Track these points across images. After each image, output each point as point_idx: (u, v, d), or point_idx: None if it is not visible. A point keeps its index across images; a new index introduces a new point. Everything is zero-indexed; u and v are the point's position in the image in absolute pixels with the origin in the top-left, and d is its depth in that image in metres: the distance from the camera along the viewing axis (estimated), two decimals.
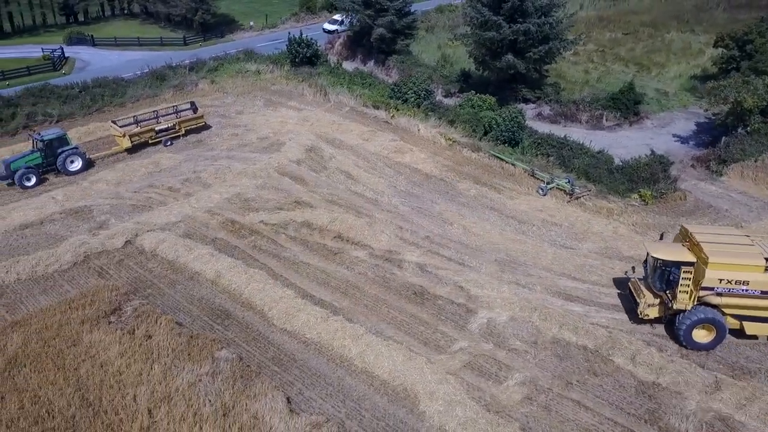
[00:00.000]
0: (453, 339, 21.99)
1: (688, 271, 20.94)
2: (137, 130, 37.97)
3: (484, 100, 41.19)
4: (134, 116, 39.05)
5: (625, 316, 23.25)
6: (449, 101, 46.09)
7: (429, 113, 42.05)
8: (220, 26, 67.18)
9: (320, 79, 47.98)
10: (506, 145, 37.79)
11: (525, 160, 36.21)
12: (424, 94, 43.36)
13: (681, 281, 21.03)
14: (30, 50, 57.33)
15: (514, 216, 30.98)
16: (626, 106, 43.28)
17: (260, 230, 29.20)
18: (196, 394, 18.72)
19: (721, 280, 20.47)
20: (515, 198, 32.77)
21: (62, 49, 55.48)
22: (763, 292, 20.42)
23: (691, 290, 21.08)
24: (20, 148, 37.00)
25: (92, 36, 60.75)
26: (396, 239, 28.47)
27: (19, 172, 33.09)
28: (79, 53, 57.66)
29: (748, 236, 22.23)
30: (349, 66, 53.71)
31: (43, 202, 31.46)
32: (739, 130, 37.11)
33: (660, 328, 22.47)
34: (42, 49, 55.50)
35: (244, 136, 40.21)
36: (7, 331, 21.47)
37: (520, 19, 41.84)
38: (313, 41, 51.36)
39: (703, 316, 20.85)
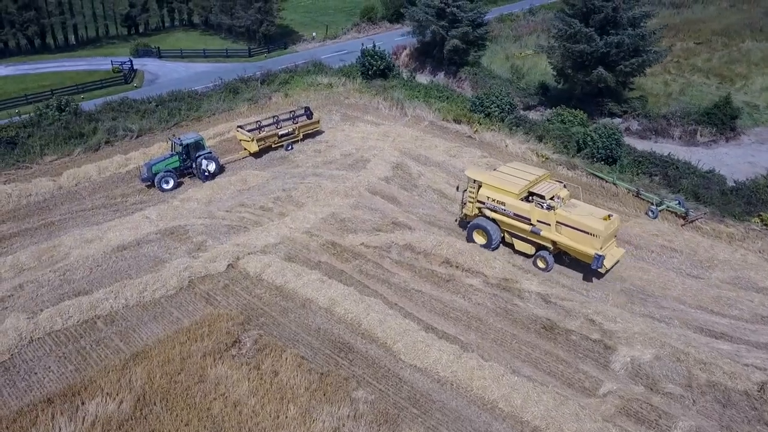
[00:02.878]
0: (598, 380, 20.46)
1: (474, 188, 27.82)
2: (263, 134, 37.93)
3: (574, 116, 39.64)
4: (257, 122, 39.24)
5: None
6: (530, 115, 44.59)
7: (514, 128, 40.56)
8: (281, 37, 66.71)
9: (395, 93, 46.82)
10: (603, 162, 36.06)
11: (627, 179, 34.47)
12: (508, 108, 41.89)
13: (469, 193, 28.24)
14: (99, 62, 57.40)
15: (628, 240, 29.23)
16: (722, 121, 41.26)
17: (363, 253, 28.05)
18: None
19: (488, 197, 27.11)
20: (625, 221, 30.96)
21: (131, 61, 55.24)
22: (515, 215, 26.36)
23: (474, 202, 27.92)
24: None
25: (158, 48, 60.59)
26: (509, 266, 27.04)
27: (159, 175, 33.60)
28: (146, 65, 57.47)
29: (554, 181, 27.46)
30: (418, 78, 52.52)
31: (137, 221, 30.61)
32: None
33: None
34: (111, 61, 55.42)
35: (327, 152, 39.21)
36: (129, 365, 20.60)
37: (612, 31, 40.20)
38: (386, 53, 50.22)
39: (477, 223, 27.90)
